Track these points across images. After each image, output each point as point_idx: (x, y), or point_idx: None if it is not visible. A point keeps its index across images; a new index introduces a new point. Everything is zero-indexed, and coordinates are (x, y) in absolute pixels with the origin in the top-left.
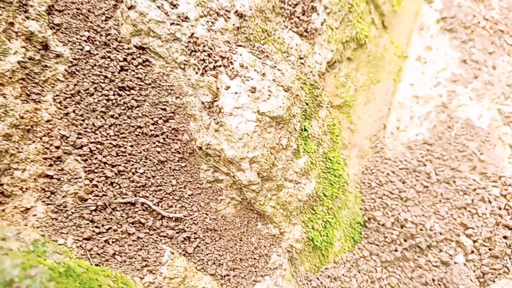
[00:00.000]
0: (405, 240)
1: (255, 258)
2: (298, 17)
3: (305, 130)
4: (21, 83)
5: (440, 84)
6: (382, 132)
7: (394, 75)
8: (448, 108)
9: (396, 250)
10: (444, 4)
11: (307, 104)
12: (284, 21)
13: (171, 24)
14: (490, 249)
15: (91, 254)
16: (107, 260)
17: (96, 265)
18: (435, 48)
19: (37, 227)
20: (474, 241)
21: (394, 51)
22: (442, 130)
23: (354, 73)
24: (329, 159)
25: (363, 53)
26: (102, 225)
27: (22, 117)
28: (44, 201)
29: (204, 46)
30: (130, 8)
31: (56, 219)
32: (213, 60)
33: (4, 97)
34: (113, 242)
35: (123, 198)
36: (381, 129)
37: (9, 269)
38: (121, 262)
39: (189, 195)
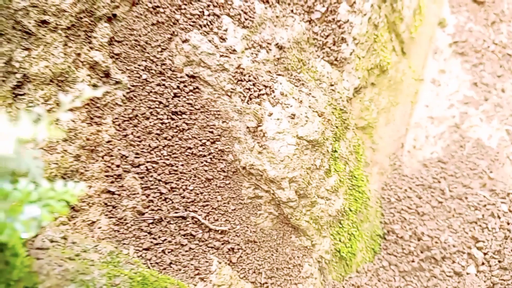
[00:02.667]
0: (421, 252)
1: (289, 268)
2: (329, 47)
3: (335, 151)
4: (86, 108)
5: (453, 106)
6: (400, 150)
7: (411, 98)
8: (460, 128)
9: (413, 261)
10: (456, 28)
11: (337, 127)
12: (316, 51)
13: (220, 56)
14: (499, 261)
15: (151, 263)
16: (164, 269)
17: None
18: (448, 71)
19: (102, 239)
20: (485, 254)
21: (411, 75)
22: (455, 149)
23: (376, 97)
24: (354, 176)
25: (385, 78)
26: (159, 237)
27: (88, 139)
28: (107, 215)
29: (249, 76)
30: (184, 41)
31: (118, 231)
32: (257, 88)
33: (73, 121)
34: (169, 252)
35: (176, 212)
36: (399, 148)
37: (98, 278)
38: (176, 270)
39: (232, 209)
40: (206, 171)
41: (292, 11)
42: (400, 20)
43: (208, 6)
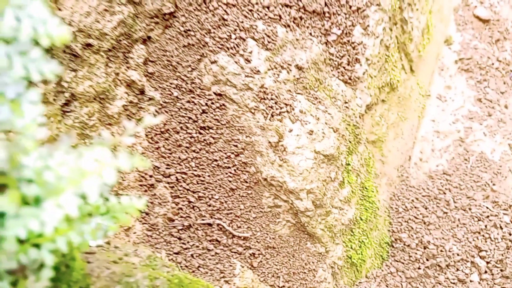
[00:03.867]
0: (427, 259)
1: (305, 272)
2: (344, 67)
3: (348, 164)
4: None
5: (458, 121)
6: (407, 163)
7: (418, 113)
8: (465, 142)
9: (419, 268)
10: (461, 45)
11: (350, 142)
12: (332, 71)
13: (245, 76)
14: (501, 270)
15: (181, 267)
16: (193, 272)
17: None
18: (453, 87)
19: (137, 243)
20: (487, 262)
21: (419, 91)
22: (460, 162)
23: (386, 112)
24: (365, 188)
25: (394, 95)
26: (188, 242)
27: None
28: (140, 221)
29: (271, 94)
30: (212, 62)
31: (151, 236)
32: (279, 106)
33: (112, 134)
34: (197, 256)
35: (203, 219)
36: (406, 160)
37: (141, 280)
38: (204, 273)
39: (253, 217)
40: (230, 181)
41: (310, 33)
42: (409, 40)
43: (235, 30)
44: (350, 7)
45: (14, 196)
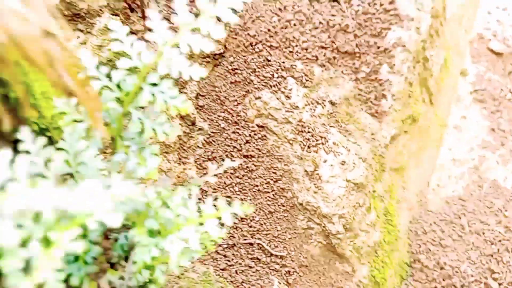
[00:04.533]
0: (443, 280)
1: None
2: (372, 102)
3: (374, 191)
4: (177, 151)
5: (473, 150)
6: (426, 189)
7: (436, 142)
8: (479, 170)
9: (436, 287)
10: (476, 77)
11: (376, 170)
12: (361, 105)
13: (286, 111)
14: None
15: (227, 282)
16: (237, 287)
17: None
18: (469, 117)
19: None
20: (500, 284)
21: (437, 121)
22: (474, 188)
23: (408, 143)
24: (388, 212)
25: (415, 126)
26: (232, 259)
27: (178, 176)
28: None
29: (308, 128)
30: (256, 98)
31: None
32: (315, 139)
33: (168, 161)
34: (240, 272)
35: (245, 239)
36: (425, 186)
37: None
38: None
39: (288, 238)
40: (269, 205)
41: (342, 72)
42: (430, 76)
43: (277, 69)
44: (378, 48)
45: (142, 231)
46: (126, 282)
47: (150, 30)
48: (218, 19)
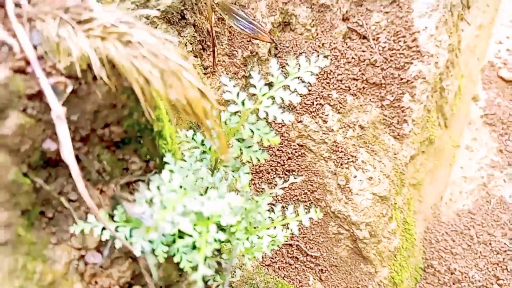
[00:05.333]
0: (453, 283)
1: (358, 287)
2: (395, 126)
3: (395, 203)
4: None
5: (482, 169)
6: (439, 202)
7: (450, 161)
8: (487, 187)
9: None
10: (487, 102)
11: (397, 185)
12: (385, 128)
13: (322, 133)
14: None
15: (271, 277)
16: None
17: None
18: (479, 139)
19: None
20: None
21: (451, 143)
22: (482, 203)
23: (425, 162)
24: (406, 222)
25: (432, 147)
26: (275, 257)
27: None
28: None
29: (341, 148)
30: (298, 122)
31: None
32: (346, 158)
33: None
34: (282, 268)
35: (286, 241)
36: (439, 200)
37: (259, 283)
38: (288, 282)
39: (321, 241)
40: (306, 212)
41: (370, 100)
42: (446, 103)
43: (316, 98)
44: (401, 79)
45: (240, 228)
46: (229, 264)
47: (253, 86)
48: (302, 80)
